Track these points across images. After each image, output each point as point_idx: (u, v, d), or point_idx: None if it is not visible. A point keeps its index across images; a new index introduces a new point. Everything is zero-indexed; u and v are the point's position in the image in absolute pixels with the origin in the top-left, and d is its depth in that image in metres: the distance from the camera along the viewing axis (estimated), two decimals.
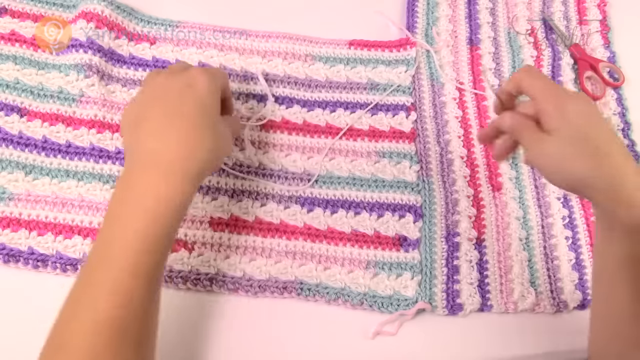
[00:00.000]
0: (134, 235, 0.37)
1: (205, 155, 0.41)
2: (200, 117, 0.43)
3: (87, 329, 0.35)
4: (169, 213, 0.39)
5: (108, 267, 0.37)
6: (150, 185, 0.39)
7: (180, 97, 0.43)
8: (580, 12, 0.65)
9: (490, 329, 0.48)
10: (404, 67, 0.60)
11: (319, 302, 0.49)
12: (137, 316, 0.37)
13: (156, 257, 0.38)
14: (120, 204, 0.39)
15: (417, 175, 0.54)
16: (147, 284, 0.37)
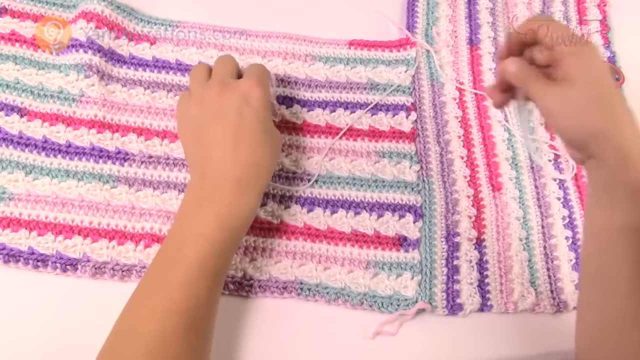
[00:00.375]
0: (204, 239, 0.41)
1: (270, 168, 0.47)
2: (262, 133, 0.46)
3: (158, 315, 0.39)
4: (238, 224, 0.44)
5: (180, 264, 0.41)
6: (224, 201, 0.43)
7: (240, 114, 0.46)
8: (580, 12, 0.65)
9: (490, 329, 0.48)
10: (404, 67, 0.60)
11: (319, 302, 0.49)
12: (203, 310, 0.40)
13: (222, 260, 0.42)
14: (193, 210, 0.43)
15: (417, 175, 0.54)
16: (212, 282, 0.41)
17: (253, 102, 0.46)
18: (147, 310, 0.39)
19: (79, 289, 0.48)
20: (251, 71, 0.50)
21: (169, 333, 0.38)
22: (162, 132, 0.55)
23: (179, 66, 0.58)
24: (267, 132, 0.47)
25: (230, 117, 0.46)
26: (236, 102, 0.46)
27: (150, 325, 0.38)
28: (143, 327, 0.39)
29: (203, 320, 0.40)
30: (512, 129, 0.57)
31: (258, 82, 0.47)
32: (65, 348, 0.45)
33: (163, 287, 0.40)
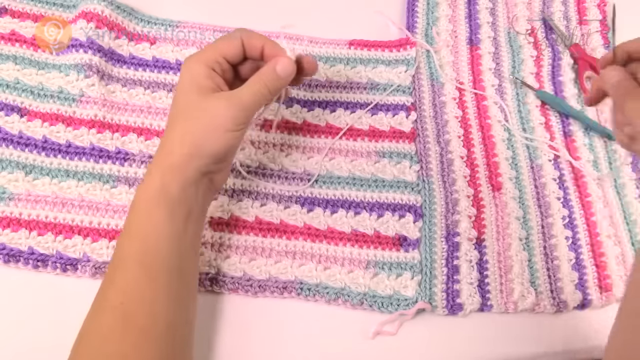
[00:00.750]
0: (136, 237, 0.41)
1: (176, 148, 0.42)
2: (171, 113, 0.44)
3: (91, 314, 0.40)
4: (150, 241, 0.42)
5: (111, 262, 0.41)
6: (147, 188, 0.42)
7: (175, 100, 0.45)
8: (580, 12, 0.65)
9: (490, 329, 0.48)
10: (404, 67, 0.60)
11: (319, 302, 0.49)
12: (136, 304, 0.39)
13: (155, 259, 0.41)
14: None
15: (417, 175, 0.54)
16: (145, 276, 0.40)
17: (180, 77, 0.45)
18: (91, 310, 0.40)
19: (79, 289, 0.48)
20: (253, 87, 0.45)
21: (106, 331, 0.38)
22: (162, 132, 0.55)
23: (179, 66, 0.58)
24: (180, 107, 0.44)
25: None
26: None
27: (87, 326, 0.40)
28: (82, 328, 0.40)
29: (143, 316, 0.39)
30: (512, 129, 0.57)
31: (188, 57, 0.45)
32: (65, 348, 0.45)
33: (102, 286, 0.41)
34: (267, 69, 0.45)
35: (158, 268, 0.40)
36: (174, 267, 0.41)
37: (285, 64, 0.45)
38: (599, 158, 0.56)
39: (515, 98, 0.59)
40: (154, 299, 0.40)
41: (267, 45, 0.46)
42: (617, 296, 0.50)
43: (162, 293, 0.40)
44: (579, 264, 0.51)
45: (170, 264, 0.41)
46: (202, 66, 0.44)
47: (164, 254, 0.41)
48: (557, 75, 0.61)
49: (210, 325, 0.47)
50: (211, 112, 0.43)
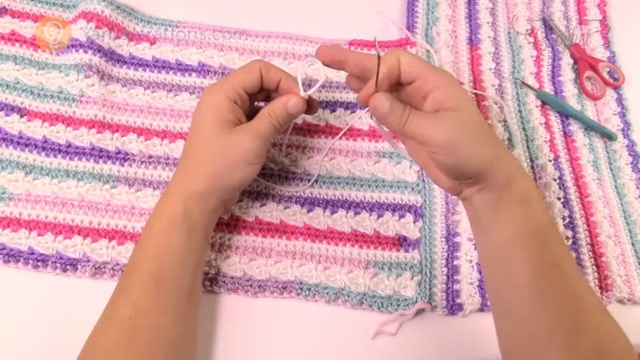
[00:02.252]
0: (139, 247, 0.44)
1: (202, 177, 0.44)
2: (193, 141, 0.46)
3: (98, 327, 0.41)
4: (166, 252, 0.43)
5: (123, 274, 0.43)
6: (164, 209, 0.44)
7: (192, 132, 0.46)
8: (580, 12, 0.65)
9: (490, 329, 0.48)
10: None
11: (319, 302, 0.49)
12: (144, 318, 0.40)
13: (159, 267, 0.42)
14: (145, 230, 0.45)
15: (417, 175, 0.54)
16: (152, 290, 0.41)
17: (197, 108, 0.46)
18: (99, 321, 0.41)
19: (79, 289, 0.48)
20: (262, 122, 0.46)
21: (112, 344, 0.39)
22: (162, 132, 0.55)
23: (179, 66, 0.58)
24: (200, 139, 0.46)
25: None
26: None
27: (95, 338, 0.40)
28: (88, 341, 0.41)
29: (149, 330, 0.40)
30: (512, 128, 0.57)
31: (207, 88, 0.47)
32: (65, 348, 0.45)
33: (111, 299, 0.42)
34: (278, 104, 0.47)
35: (170, 287, 0.42)
36: (185, 287, 0.43)
37: (296, 102, 0.47)
38: (599, 158, 0.56)
39: (515, 98, 0.59)
40: (163, 315, 0.41)
41: (283, 79, 0.48)
42: (617, 296, 0.50)
43: (171, 311, 0.41)
44: (579, 264, 0.51)
45: (181, 284, 0.42)
46: (225, 98, 0.45)
47: (177, 274, 0.42)
48: (557, 75, 0.61)
49: (210, 325, 0.47)
50: (235, 146, 0.44)
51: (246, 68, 0.47)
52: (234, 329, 0.47)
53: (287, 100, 0.47)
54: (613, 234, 0.52)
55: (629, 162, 0.56)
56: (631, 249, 0.52)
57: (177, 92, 0.57)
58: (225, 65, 0.58)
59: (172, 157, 0.53)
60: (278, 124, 0.46)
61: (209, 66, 0.58)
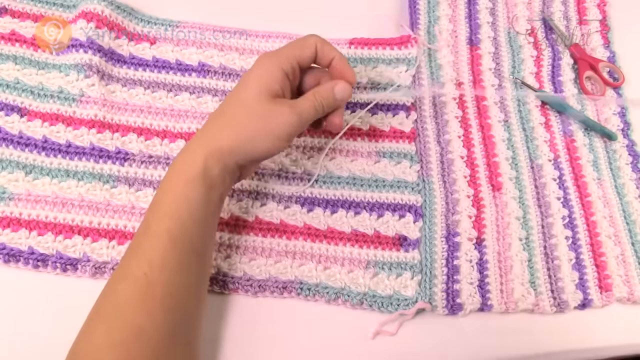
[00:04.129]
0: (156, 207, 0.42)
1: (226, 135, 0.44)
2: (231, 100, 0.45)
3: (111, 283, 0.40)
4: (188, 209, 0.42)
5: (139, 234, 0.42)
6: (185, 167, 0.43)
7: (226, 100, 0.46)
8: (580, 12, 0.65)
9: (490, 329, 0.48)
10: (405, 67, 0.60)
11: (319, 302, 0.49)
12: (158, 275, 0.40)
13: (172, 224, 0.42)
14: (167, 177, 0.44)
15: (417, 175, 0.54)
16: (161, 241, 0.41)
17: (247, 74, 0.46)
18: (112, 279, 0.41)
19: (79, 289, 0.48)
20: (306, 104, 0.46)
21: (124, 299, 0.39)
22: (162, 132, 0.55)
23: (179, 66, 0.58)
24: (239, 106, 0.45)
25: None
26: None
27: (108, 295, 0.40)
28: (101, 297, 0.40)
29: (163, 288, 0.39)
30: (512, 127, 0.57)
31: (259, 57, 0.47)
32: (65, 348, 0.45)
33: (125, 254, 0.42)
34: (326, 88, 0.47)
35: (186, 247, 0.41)
36: (198, 248, 0.42)
37: (344, 87, 0.47)
38: (599, 158, 0.56)
39: (515, 98, 0.59)
40: (177, 272, 0.41)
41: (336, 58, 0.48)
42: (617, 296, 0.50)
43: (185, 269, 0.41)
44: (579, 264, 0.51)
45: (196, 245, 0.42)
46: (277, 68, 0.45)
47: (193, 232, 0.42)
48: (557, 75, 0.60)
49: (210, 325, 0.47)
50: (272, 116, 0.44)
51: (302, 42, 0.47)
52: (233, 328, 0.47)
53: (334, 84, 0.47)
54: (613, 234, 0.52)
55: (629, 162, 0.56)
56: (631, 249, 0.52)
57: (177, 92, 0.57)
58: (225, 65, 0.58)
59: (172, 157, 0.53)
60: (321, 108, 0.46)
61: (209, 66, 0.58)
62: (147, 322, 0.38)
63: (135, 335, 0.37)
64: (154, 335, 0.38)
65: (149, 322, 0.38)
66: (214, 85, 0.57)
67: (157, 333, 0.38)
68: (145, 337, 0.38)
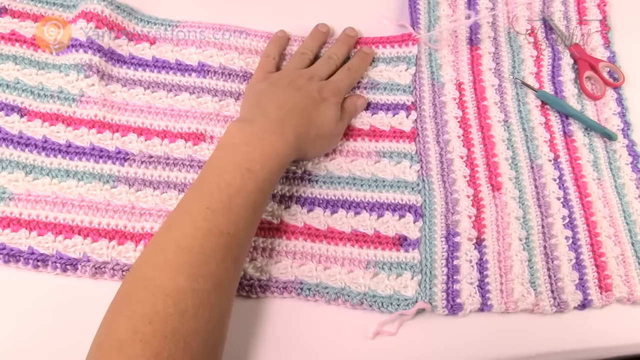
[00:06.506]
0: (250, 174, 0.44)
1: (311, 153, 0.53)
2: (313, 128, 0.51)
3: (201, 234, 0.41)
4: (276, 169, 0.46)
5: (225, 191, 0.43)
6: (271, 144, 0.46)
7: (309, 103, 0.51)
8: (580, 12, 0.65)
9: (490, 329, 0.48)
10: (405, 66, 0.60)
11: (319, 302, 0.49)
12: (240, 238, 0.43)
13: (261, 196, 0.45)
14: (240, 145, 0.46)
15: (417, 175, 0.54)
16: (251, 215, 0.44)
17: (326, 113, 0.52)
18: (190, 228, 0.41)
19: (79, 289, 0.48)
20: (341, 79, 0.56)
21: (210, 251, 0.40)
22: (162, 132, 0.55)
23: (178, 66, 0.58)
24: (324, 134, 0.52)
25: (302, 96, 0.51)
26: (314, 95, 0.52)
27: (193, 242, 0.41)
28: (185, 243, 0.41)
29: (239, 248, 0.43)
30: (512, 127, 0.57)
31: (336, 93, 0.53)
32: (65, 348, 0.45)
33: (206, 209, 0.42)
34: (350, 103, 0.56)
35: (259, 214, 0.46)
36: (254, 227, 0.46)
37: (363, 102, 0.57)
38: (599, 158, 0.56)
39: (515, 98, 0.59)
40: (248, 236, 0.45)
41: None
42: (617, 296, 0.50)
43: (251, 234, 0.46)
44: (579, 264, 0.51)
45: (259, 215, 0.47)
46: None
47: (264, 204, 0.46)
48: (557, 75, 0.60)
49: None
50: (337, 129, 0.54)
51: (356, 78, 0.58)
52: (233, 329, 0.47)
53: (357, 99, 0.56)
54: (613, 234, 0.52)
55: (629, 162, 0.56)
56: (631, 249, 0.52)
57: (177, 92, 0.57)
58: (225, 65, 0.58)
59: (172, 157, 0.53)
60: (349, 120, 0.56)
61: (209, 66, 0.58)
62: (224, 276, 0.41)
63: (215, 286, 0.40)
64: (226, 289, 0.41)
65: (225, 275, 0.41)
66: (213, 85, 0.57)
67: (229, 287, 0.42)
68: (221, 289, 0.41)
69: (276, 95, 0.51)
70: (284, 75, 0.54)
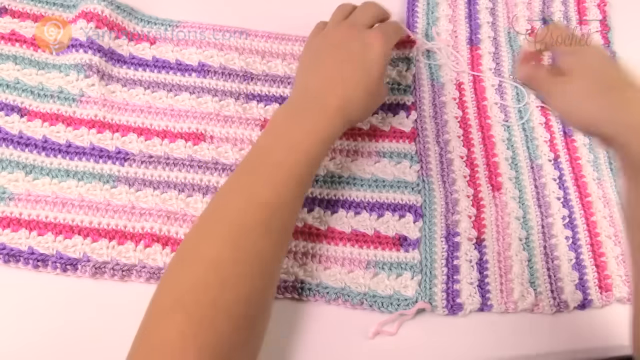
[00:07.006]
0: (294, 148, 0.45)
1: (361, 115, 0.51)
2: (365, 81, 0.49)
3: (242, 206, 0.42)
4: (323, 145, 0.47)
5: (268, 165, 0.44)
6: (320, 121, 0.47)
7: (354, 54, 0.50)
8: (580, 12, 0.65)
9: (490, 329, 0.48)
10: (405, 66, 0.60)
11: (319, 302, 0.49)
12: (284, 211, 0.43)
13: (307, 170, 0.45)
14: (288, 122, 0.47)
15: (417, 175, 0.54)
16: (296, 188, 0.44)
17: (373, 52, 0.50)
18: (233, 201, 0.42)
19: (79, 289, 0.48)
20: (385, 27, 0.54)
21: (252, 222, 0.41)
22: (162, 132, 0.55)
23: (179, 66, 0.58)
24: (371, 82, 0.50)
25: (346, 54, 0.50)
26: (358, 43, 0.50)
27: (236, 213, 0.41)
28: (229, 214, 0.42)
29: (283, 221, 0.43)
30: (512, 128, 0.57)
31: (383, 38, 0.51)
32: (65, 348, 0.45)
33: (249, 182, 0.43)
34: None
35: (304, 190, 0.46)
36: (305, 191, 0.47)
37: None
38: (599, 158, 0.56)
39: (515, 98, 0.59)
40: (294, 211, 0.45)
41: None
42: (617, 296, 0.50)
43: (297, 209, 0.46)
44: (579, 264, 0.51)
45: (306, 188, 0.47)
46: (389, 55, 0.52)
47: (310, 179, 0.47)
48: None
49: None
50: (382, 96, 0.53)
51: (400, 31, 0.56)
52: None
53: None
54: (613, 234, 0.52)
55: None
56: None
57: (177, 92, 0.57)
58: (225, 65, 0.58)
59: (172, 157, 0.53)
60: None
61: (209, 66, 0.58)
62: (267, 248, 0.41)
63: (257, 257, 0.40)
64: (269, 260, 0.42)
65: (268, 247, 0.41)
66: (214, 85, 0.57)
67: (272, 259, 0.42)
68: (263, 260, 0.41)
69: (318, 66, 0.51)
70: (322, 36, 0.54)
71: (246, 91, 0.58)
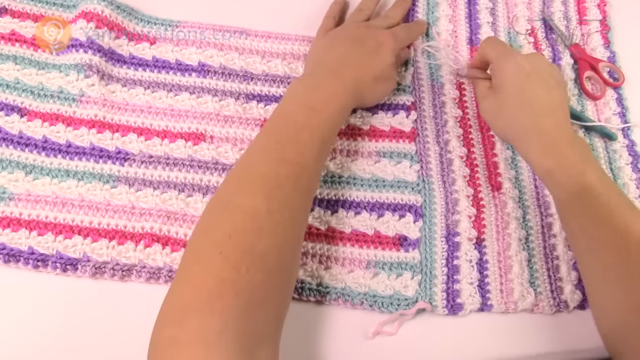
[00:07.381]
0: (314, 112, 0.47)
1: (370, 95, 0.54)
2: (376, 65, 0.53)
3: (273, 162, 0.44)
4: (339, 113, 0.49)
5: (291, 127, 0.46)
6: (336, 91, 0.50)
7: (368, 46, 0.54)
8: (580, 12, 0.65)
9: (490, 329, 0.48)
10: (403, 66, 0.60)
11: (319, 302, 0.49)
12: (309, 169, 0.45)
13: (327, 132, 0.48)
14: (306, 91, 0.49)
15: (417, 175, 0.54)
16: (318, 148, 0.46)
17: (383, 52, 0.54)
18: (263, 159, 0.44)
19: (79, 289, 0.48)
20: (400, 30, 0.58)
21: (283, 177, 0.43)
22: (162, 132, 0.55)
23: (178, 66, 0.58)
24: (381, 71, 0.53)
25: (359, 42, 0.54)
26: (373, 41, 0.54)
27: (267, 169, 0.43)
28: (259, 170, 0.43)
29: (309, 178, 0.45)
30: None
31: (394, 39, 0.55)
32: (66, 348, 0.45)
33: (275, 143, 0.45)
34: (404, 53, 0.60)
35: (326, 154, 0.50)
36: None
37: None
38: (599, 158, 0.56)
39: None
40: (318, 172, 0.48)
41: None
42: None
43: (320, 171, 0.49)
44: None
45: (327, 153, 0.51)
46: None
47: (323, 140, 0.47)
48: None
49: None
50: (392, 83, 0.56)
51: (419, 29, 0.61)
52: None
53: (408, 52, 0.61)
54: None
55: (629, 162, 0.56)
56: None
57: (177, 92, 0.57)
58: (225, 65, 0.58)
59: (172, 157, 0.53)
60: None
61: (209, 66, 0.58)
62: (297, 202, 0.43)
63: (289, 209, 0.42)
64: (299, 213, 0.44)
65: (299, 201, 0.44)
66: (214, 85, 0.57)
67: (302, 212, 0.44)
68: (294, 213, 0.43)
69: (334, 47, 0.55)
70: (341, 28, 0.58)
71: (246, 91, 0.58)
